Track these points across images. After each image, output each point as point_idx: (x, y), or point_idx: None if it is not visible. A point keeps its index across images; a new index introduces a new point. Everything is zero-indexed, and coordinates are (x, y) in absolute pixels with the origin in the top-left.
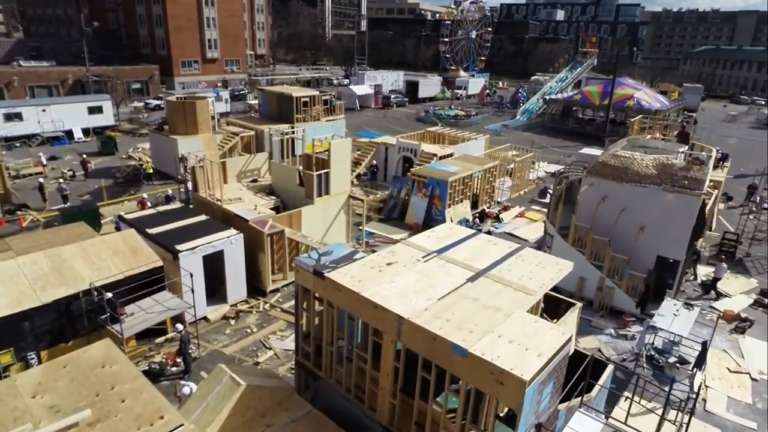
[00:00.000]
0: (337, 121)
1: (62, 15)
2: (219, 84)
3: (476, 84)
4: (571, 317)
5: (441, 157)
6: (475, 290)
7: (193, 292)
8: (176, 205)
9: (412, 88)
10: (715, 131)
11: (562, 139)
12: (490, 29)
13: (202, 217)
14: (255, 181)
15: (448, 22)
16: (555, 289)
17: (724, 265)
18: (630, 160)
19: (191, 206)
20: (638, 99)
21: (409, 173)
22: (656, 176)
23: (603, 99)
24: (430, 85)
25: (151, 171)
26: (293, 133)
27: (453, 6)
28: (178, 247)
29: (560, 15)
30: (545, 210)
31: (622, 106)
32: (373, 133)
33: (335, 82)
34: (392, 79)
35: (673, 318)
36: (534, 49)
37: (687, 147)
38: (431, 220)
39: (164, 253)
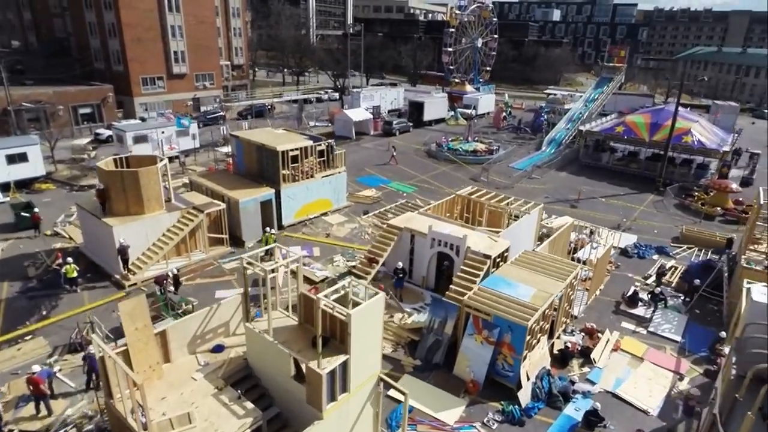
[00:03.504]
0: (336, 176)
1: None
2: (189, 103)
3: (487, 101)
4: None
5: (495, 260)
6: None
7: None
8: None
9: (416, 108)
10: None
11: (606, 182)
12: (496, 36)
13: None
14: (220, 350)
15: (452, 29)
16: None
17: None
18: None
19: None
20: (694, 134)
21: (458, 300)
22: None
23: (653, 133)
24: (436, 104)
25: (75, 275)
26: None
27: (457, 11)
28: None
29: (556, 15)
30: (643, 330)
31: (678, 143)
32: (379, 178)
33: (325, 97)
34: (392, 97)
35: None
36: (534, 54)
37: None
38: (496, 374)
39: None
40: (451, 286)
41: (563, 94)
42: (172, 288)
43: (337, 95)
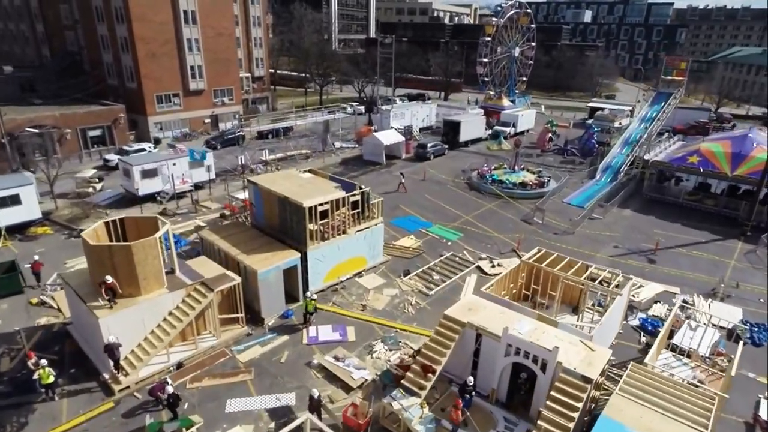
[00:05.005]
0: (372, 230)
1: (9, 30)
2: (206, 121)
3: (527, 118)
4: None
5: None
6: None
7: None
8: None
9: (451, 128)
10: None
11: (679, 223)
12: (533, 44)
13: None
14: None
15: (488, 38)
16: None
17: None
18: None
19: None
20: None
21: None
22: None
23: (736, 166)
24: (473, 123)
25: (51, 380)
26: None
27: (495, 19)
28: None
29: (587, 16)
30: None
31: (758, 178)
32: (417, 220)
33: (349, 110)
34: (423, 114)
35: None
36: (568, 58)
37: None
38: None
39: None
40: (539, 422)
41: (611, 109)
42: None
43: (362, 108)
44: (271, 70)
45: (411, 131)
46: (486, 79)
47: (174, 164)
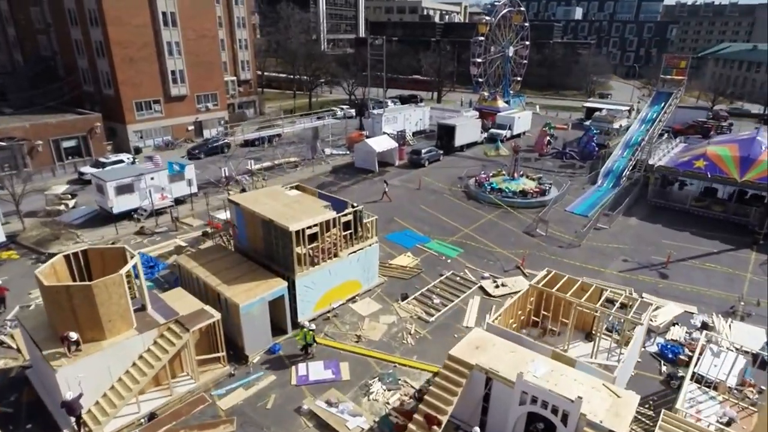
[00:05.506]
0: (366, 251)
1: None
2: (190, 128)
3: (524, 120)
4: None
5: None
6: None
7: None
8: None
9: (445, 132)
10: None
11: (688, 232)
12: (527, 42)
13: None
14: None
15: (482, 38)
16: None
17: None
18: None
19: None
20: None
21: None
22: None
23: (745, 170)
24: (468, 126)
25: None
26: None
27: (486, 17)
28: None
29: (578, 13)
30: None
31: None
32: (414, 234)
33: (339, 114)
34: (416, 118)
35: None
36: (560, 56)
37: None
38: None
39: None
40: None
41: (609, 109)
42: None
43: (353, 111)
44: (258, 72)
45: (404, 136)
46: (480, 79)
47: (152, 178)
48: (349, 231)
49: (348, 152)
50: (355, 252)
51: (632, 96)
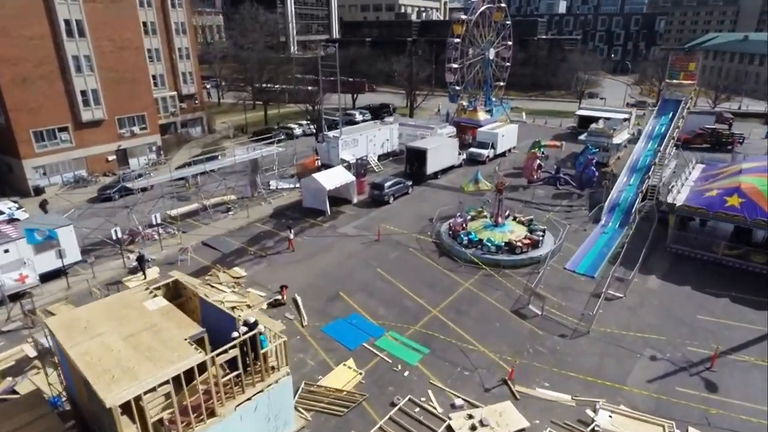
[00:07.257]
0: (273, 389)
1: None
2: (110, 159)
3: (509, 136)
4: None
5: None
6: None
7: None
8: None
9: (416, 157)
10: None
11: (727, 298)
12: (510, 42)
13: None
14: None
15: (457, 40)
16: None
17: None
18: None
19: None
20: None
21: None
22: None
23: None
24: (443, 148)
25: None
26: None
27: (463, 16)
28: None
29: (562, 7)
30: None
31: None
32: (363, 321)
33: (297, 131)
34: (382, 138)
35: None
36: (545, 54)
37: None
38: None
39: None
40: None
41: (606, 119)
42: None
43: (314, 128)
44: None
45: (365, 164)
46: (457, 87)
47: (6, 251)
48: (238, 372)
49: (298, 185)
50: (250, 399)
51: (625, 95)
